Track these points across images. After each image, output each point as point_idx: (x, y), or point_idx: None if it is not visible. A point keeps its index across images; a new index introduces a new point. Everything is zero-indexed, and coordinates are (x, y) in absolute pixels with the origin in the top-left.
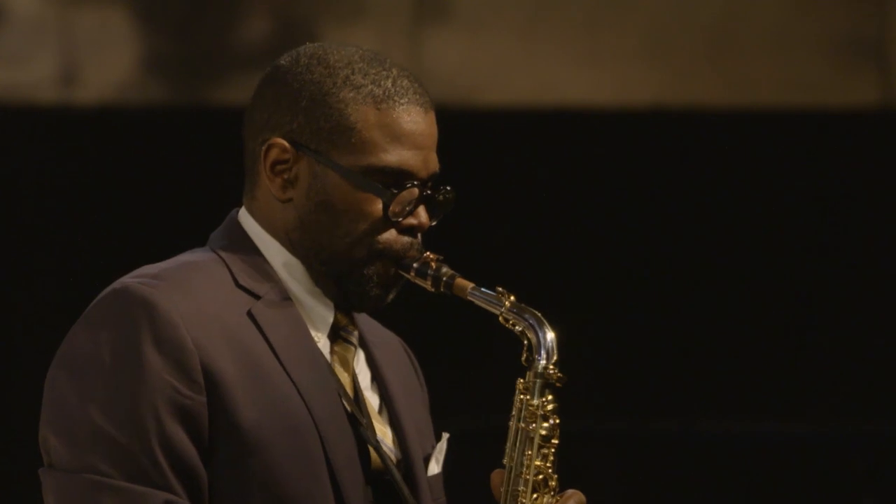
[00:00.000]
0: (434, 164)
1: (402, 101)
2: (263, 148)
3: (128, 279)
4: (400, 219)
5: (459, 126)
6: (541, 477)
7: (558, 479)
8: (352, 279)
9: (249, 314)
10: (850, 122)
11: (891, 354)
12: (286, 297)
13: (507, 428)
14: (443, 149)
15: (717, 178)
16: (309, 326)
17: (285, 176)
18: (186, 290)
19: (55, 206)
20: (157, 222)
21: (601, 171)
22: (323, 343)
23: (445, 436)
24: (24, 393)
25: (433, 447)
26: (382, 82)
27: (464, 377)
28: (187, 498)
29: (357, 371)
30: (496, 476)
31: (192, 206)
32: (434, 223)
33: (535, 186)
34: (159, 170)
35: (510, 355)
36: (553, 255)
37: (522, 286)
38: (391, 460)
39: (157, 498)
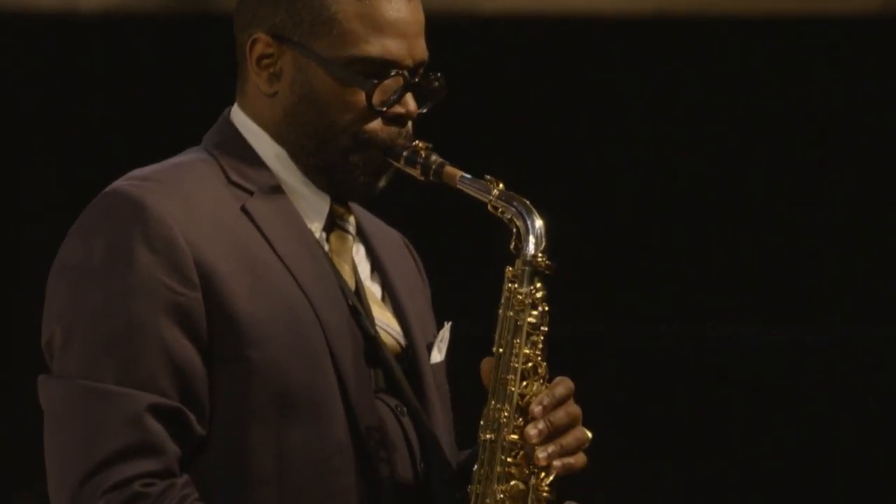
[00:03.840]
0: (421, 52)
1: None
2: (249, 43)
3: (118, 182)
4: (384, 108)
5: (460, 34)
6: (530, 364)
7: (547, 367)
8: (338, 168)
9: (244, 209)
10: (852, 27)
11: (894, 259)
12: (279, 190)
13: (496, 318)
14: (444, 57)
15: (719, 85)
16: (304, 218)
17: (270, 70)
18: (177, 189)
19: (58, 116)
20: (162, 130)
21: (604, 79)
22: (319, 234)
23: (447, 324)
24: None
25: (435, 336)
26: None
27: (459, 280)
28: (179, 399)
29: (357, 262)
30: (486, 364)
31: (199, 113)
32: (424, 111)
33: (537, 95)
34: (165, 78)
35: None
36: (553, 160)
37: (524, 191)
38: (396, 347)
39: (142, 400)
